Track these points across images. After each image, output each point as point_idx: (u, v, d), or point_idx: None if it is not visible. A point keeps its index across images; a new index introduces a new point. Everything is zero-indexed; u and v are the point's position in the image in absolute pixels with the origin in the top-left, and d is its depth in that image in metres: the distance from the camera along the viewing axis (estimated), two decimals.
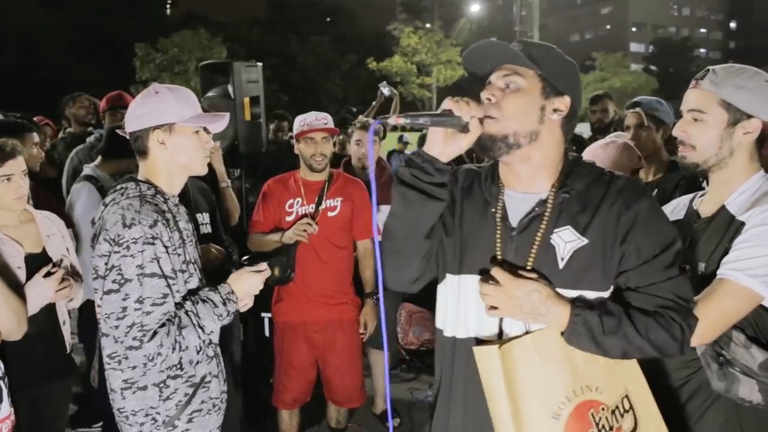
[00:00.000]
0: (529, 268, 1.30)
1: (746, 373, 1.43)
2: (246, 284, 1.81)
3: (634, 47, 50.55)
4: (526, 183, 1.37)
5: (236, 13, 37.27)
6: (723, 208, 1.55)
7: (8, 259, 2.14)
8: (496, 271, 1.28)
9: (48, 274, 2.17)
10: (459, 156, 1.33)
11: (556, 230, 1.30)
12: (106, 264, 1.64)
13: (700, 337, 1.43)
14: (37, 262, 2.22)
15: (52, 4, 28.70)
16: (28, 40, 27.73)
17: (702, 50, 50.54)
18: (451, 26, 32.01)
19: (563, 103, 1.34)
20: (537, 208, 1.33)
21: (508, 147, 1.31)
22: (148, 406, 1.71)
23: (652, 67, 41.08)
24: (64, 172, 3.81)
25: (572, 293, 1.29)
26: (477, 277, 1.34)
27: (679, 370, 1.57)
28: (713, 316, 1.42)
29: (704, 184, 2.12)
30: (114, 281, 1.62)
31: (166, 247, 1.66)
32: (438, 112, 1.28)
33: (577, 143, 4.08)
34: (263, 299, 3.33)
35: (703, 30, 57.00)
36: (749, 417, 1.47)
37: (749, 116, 1.50)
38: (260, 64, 6.02)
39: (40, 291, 2.15)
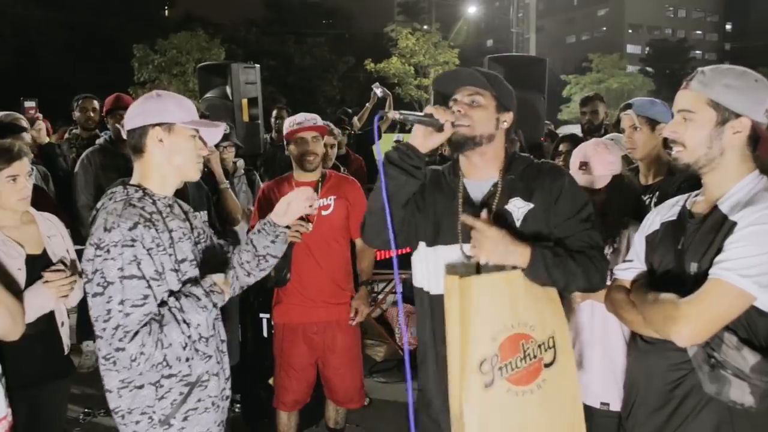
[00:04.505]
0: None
1: (738, 376, 1.42)
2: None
3: (631, 49, 50.62)
4: (481, 172, 1.84)
5: (234, 15, 37.27)
6: (716, 208, 1.54)
7: (9, 260, 2.15)
8: (479, 222, 1.65)
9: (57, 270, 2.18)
10: (434, 152, 1.71)
11: (510, 200, 1.78)
12: (91, 268, 1.68)
13: (692, 337, 1.44)
14: (38, 263, 2.22)
15: (49, 4, 28.62)
16: (25, 40, 27.66)
17: (698, 52, 50.62)
18: (449, 28, 32.01)
19: (509, 117, 1.83)
20: (492, 188, 1.81)
21: (474, 145, 1.77)
22: (145, 405, 1.73)
23: (649, 69, 41.11)
24: (75, 171, 3.82)
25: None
26: (449, 247, 1.80)
27: (672, 372, 1.56)
28: (705, 316, 1.41)
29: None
30: (98, 284, 1.65)
31: (148, 249, 1.68)
32: (422, 114, 1.69)
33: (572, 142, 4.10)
34: (262, 300, 3.34)
35: (699, 32, 57.10)
36: (742, 419, 1.47)
37: (738, 115, 1.50)
38: (258, 65, 6.04)
39: (40, 299, 2.16)
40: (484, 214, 1.69)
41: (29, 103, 3.98)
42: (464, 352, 1.59)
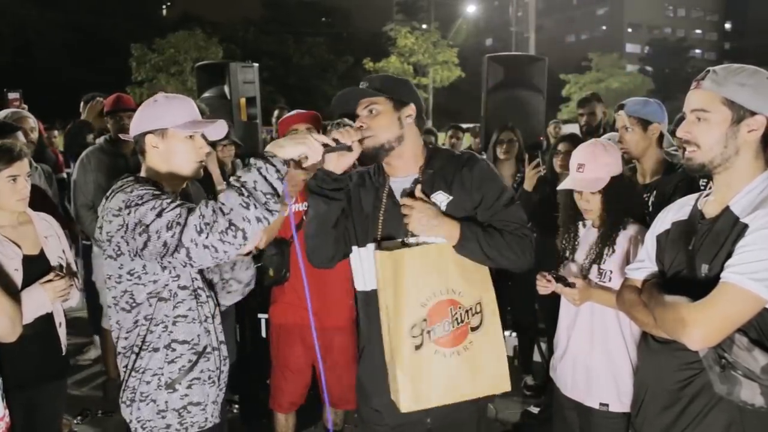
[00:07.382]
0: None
1: (748, 377, 1.41)
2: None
3: (630, 48, 50.69)
4: (403, 170, 1.90)
5: (232, 14, 37.26)
6: (727, 209, 1.52)
7: (6, 260, 2.15)
8: (405, 200, 1.80)
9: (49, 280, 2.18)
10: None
11: (432, 194, 1.86)
12: (120, 223, 1.69)
13: (704, 341, 1.42)
14: (34, 264, 2.22)
15: (47, 4, 28.61)
16: (23, 40, 27.66)
17: (697, 51, 50.73)
18: (448, 27, 32.04)
19: (411, 109, 1.87)
20: (412, 184, 1.87)
21: (386, 151, 1.84)
22: (156, 367, 1.82)
23: (648, 68, 41.18)
24: (74, 171, 3.82)
25: None
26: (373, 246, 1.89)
27: (682, 372, 1.55)
28: (717, 319, 1.40)
29: (702, 183, 2.08)
30: (139, 233, 1.63)
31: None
32: (330, 140, 1.72)
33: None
34: (260, 300, 3.33)
35: (698, 31, 57.20)
36: (753, 419, 1.45)
37: (753, 113, 1.48)
38: (256, 65, 6.03)
39: (38, 300, 2.16)
40: (418, 191, 1.81)
41: (13, 95, 3.95)
42: (396, 320, 1.75)
